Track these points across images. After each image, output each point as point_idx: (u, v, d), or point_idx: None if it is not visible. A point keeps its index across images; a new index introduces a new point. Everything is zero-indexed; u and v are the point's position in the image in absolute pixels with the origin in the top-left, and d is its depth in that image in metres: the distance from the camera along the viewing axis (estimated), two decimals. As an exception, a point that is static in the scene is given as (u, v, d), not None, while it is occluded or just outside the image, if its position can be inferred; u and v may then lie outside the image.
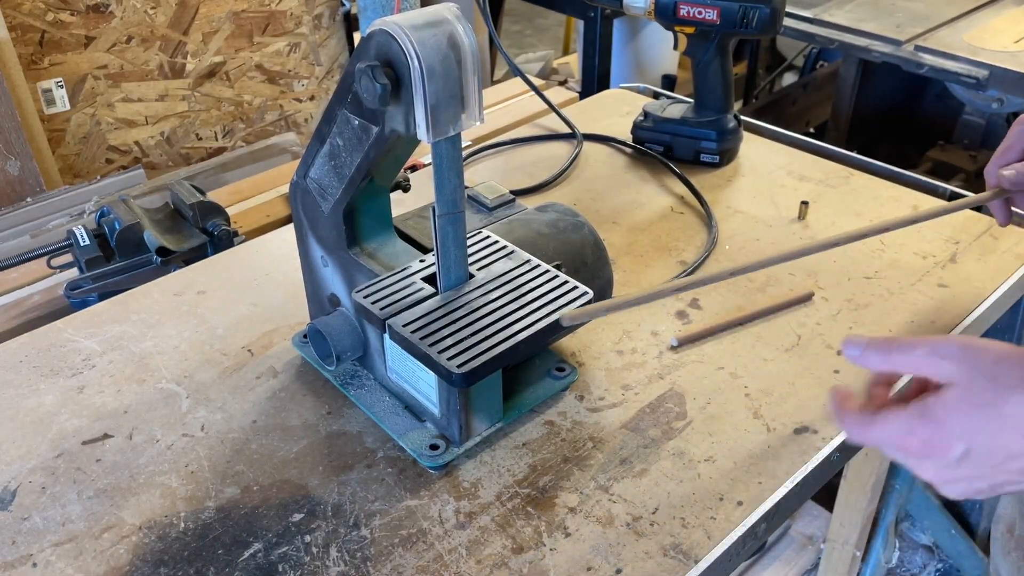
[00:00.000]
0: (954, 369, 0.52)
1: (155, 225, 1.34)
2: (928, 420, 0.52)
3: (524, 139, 1.29)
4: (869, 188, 1.15)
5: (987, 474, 0.52)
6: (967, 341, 0.53)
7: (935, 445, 0.52)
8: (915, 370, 0.55)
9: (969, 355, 0.52)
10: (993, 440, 0.50)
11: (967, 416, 0.51)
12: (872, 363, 0.56)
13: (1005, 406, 0.50)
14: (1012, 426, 0.50)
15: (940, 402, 0.52)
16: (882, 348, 0.55)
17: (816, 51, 2.72)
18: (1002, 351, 0.52)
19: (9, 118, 1.74)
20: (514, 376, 0.82)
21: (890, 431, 0.54)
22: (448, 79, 0.62)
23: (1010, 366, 0.51)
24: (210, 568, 0.66)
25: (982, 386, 0.51)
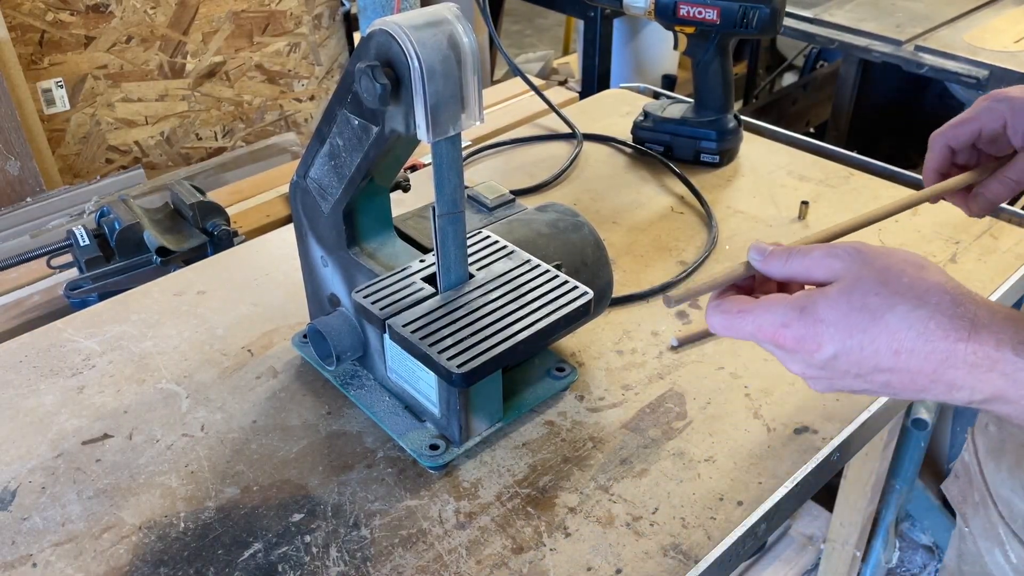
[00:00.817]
0: (843, 268, 0.50)
1: (155, 225, 1.34)
2: (806, 315, 0.49)
3: (524, 139, 1.29)
4: (869, 188, 1.15)
5: (850, 381, 0.50)
6: (864, 244, 0.51)
7: (806, 343, 0.49)
8: (810, 273, 0.52)
9: (863, 255, 0.50)
10: (864, 349, 0.48)
11: (845, 316, 0.48)
12: (773, 269, 0.53)
13: (887, 314, 0.47)
14: (887, 338, 0.47)
15: (823, 296, 0.49)
16: (783, 253, 0.53)
17: (816, 51, 2.72)
18: (898, 257, 0.50)
19: (9, 118, 1.74)
20: (514, 376, 0.82)
21: (764, 321, 0.51)
22: (448, 79, 0.62)
23: (900, 272, 0.48)
24: (210, 568, 0.66)
25: (868, 287, 0.48)
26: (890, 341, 0.47)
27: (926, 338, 0.46)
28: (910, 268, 0.49)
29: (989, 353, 0.46)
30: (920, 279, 0.48)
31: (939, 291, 0.47)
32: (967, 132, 0.70)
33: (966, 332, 0.46)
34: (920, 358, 0.47)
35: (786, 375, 0.84)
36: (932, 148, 0.72)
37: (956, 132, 0.71)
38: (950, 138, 0.71)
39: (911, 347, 0.47)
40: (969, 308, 0.47)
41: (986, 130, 0.69)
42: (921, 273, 0.49)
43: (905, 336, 0.47)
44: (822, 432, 0.77)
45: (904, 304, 0.47)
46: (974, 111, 0.70)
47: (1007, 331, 0.46)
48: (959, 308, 0.47)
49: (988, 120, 0.69)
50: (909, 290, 0.48)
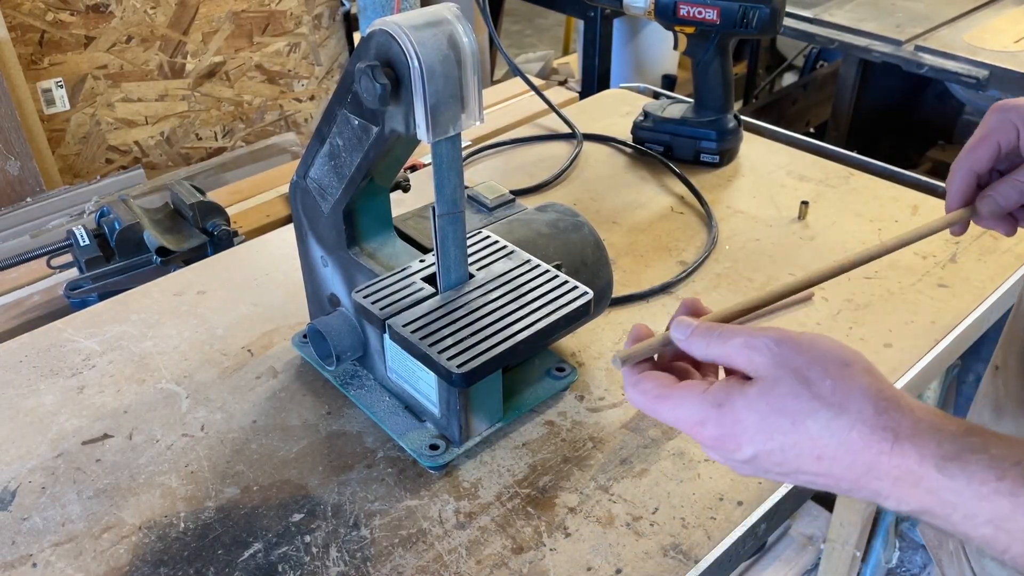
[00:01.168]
0: (764, 365, 0.47)
1: (155, 225, 1.34)
2: (724, 413, 0.47)
3: (524, 139, 1.29)
4: (869, 188, 1.15)
5: (772, 476, 0.48)
6: (785, 335, 0.48)
7: (725, 443, 0.47)
8: (731, 361, 0.49)
9: (784, 350, 0.47)
10: (784, 452, 0.46)
11: (763, 419, 0.46)
12: (695, 349, 0.50)
13: (807, 420, 0.45)
14: (808, 444, 0.45)
15: (741, 395, 0.47)
16: (704, 335, 0.50)
17: (816, 51, 2.72)
18: (819, 353, 0.46)
19: (9, 118, 1.74)
20: (514, 376, 0.82)
21: (681, 415, 0.48)
22: (448, 79, 0.62)
23: (823, 373, 0.45)
24: (210, 568, 0.66)
25: (788, 389, 0.45)
26: (812, 447, 0.45)
27: (847, 448, 0.44)
28: (833, 368, 0.46)
29: (912, 468, 0.43)
30: (842, 382, 0.45)
31: (862, 397, 0.45)
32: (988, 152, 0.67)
33: (888, 444, 0.44)
34: (843, 466, 0.45)
35: (786, 375, 0.84)
36: (956, 176, 0.68)
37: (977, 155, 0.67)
38: (973, 162, 0.67)
39: (833, 455, 0.44)
40: (893, 417, 0.44)
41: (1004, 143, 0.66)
42: (844, 373, 0.46)
43: (827, 443, 0.44)
44: (822, 432, 0.77)
45: (825, 411, 0.45)
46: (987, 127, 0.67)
47: (930, 444, 0.43)
48: (881, 417, 0.44)
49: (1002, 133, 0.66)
50: (831, 395, 0.45)
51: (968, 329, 0.91)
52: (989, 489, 0.42)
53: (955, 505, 0.43)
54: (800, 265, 1.00)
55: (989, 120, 0.67)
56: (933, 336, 0.89)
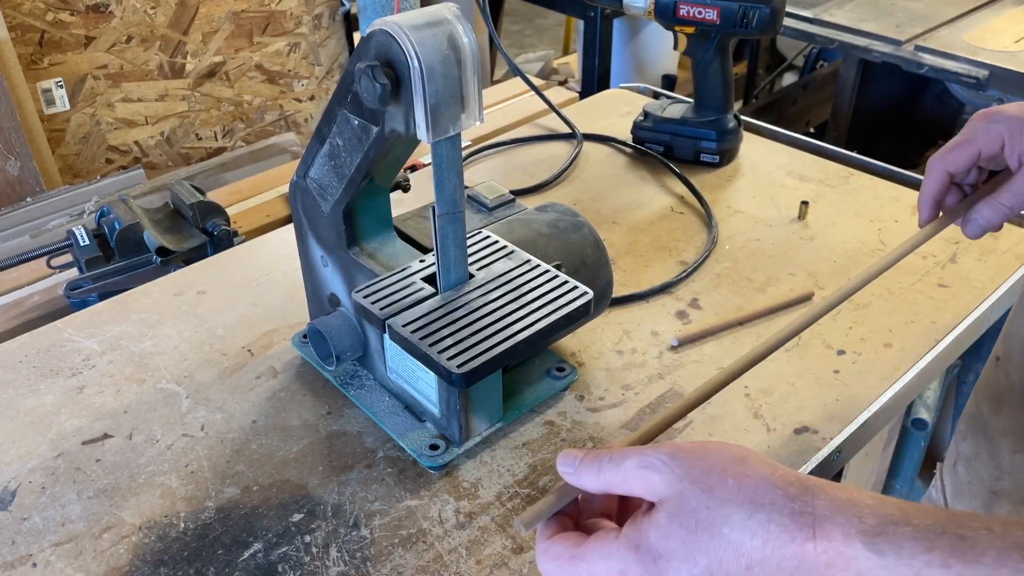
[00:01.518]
0: (663, 483, 0.44)
1: (155, 225, 1.34)
2: (643, 554, 0.43)
3: (524, 139, 1.29)
4: (869, 188, 1.15)
5: None
6: (676, 448, 0.45)
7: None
8: (628, 486, 0.45)
9: (678, 464, 0.44)
10: (714, 572, 0.42)
11: (682, 543, 0.43)
12: (587, 483, 0.47)
13: (723, 528, 0.42)
14: (732, 554, 0.42)
15: (651, 527, 0.43)
16: (593, 463, 0.46)
17: (816, 51, 2.72)
18: (716, 457, 0.44)
19: (9, 118, 1.74)
20: (514, 376, 0.82)
21: (602, 568, 0.44)
22: (448, 79, 0.62)
23: (723, 474, 0.43)
24: (210, 568, 0.66)
25: (695, 502, 0.43)
26: (737, 557, 0.42)
27: (772, 545, 0.42)
28: (732, 467, 0.44)
29: (840, 550, 0.41)
30: (745, 477, 0.43)
31: (768, 488, 0.43)
32: (966, 156, 0.67)
33: (810, 529, 0.41)
34: (773, 567, 0.42)
35: (786, 375, 0.84)
36: (930, 174, 0.69)
37: (955, 156, 0.67)
38: (949, 163, 0.67)
39: (761, 557, 0.42)
40: (806, 501, 0.42)
41: (984, 152, 0.66)
42: (744, 469, 0.44)
43: (751, 547, 0.42)
44: (822, 432, 0.77)
45: (738, 512, 0.42)
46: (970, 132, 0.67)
47: (852, 521, 0.41)
48: (796, 503, 0.42)
49: (986, 142, 0.66)
50: (738, 494, 0.43)
51: (968, 329, 0.91)
52: (920, 563, 0.40)
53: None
54: (800, 265, 1.00)
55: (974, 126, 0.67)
56: (933, 336, 0.89)
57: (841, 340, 0.88)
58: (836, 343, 0.88)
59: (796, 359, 0.86)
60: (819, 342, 0.88)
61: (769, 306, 0.92)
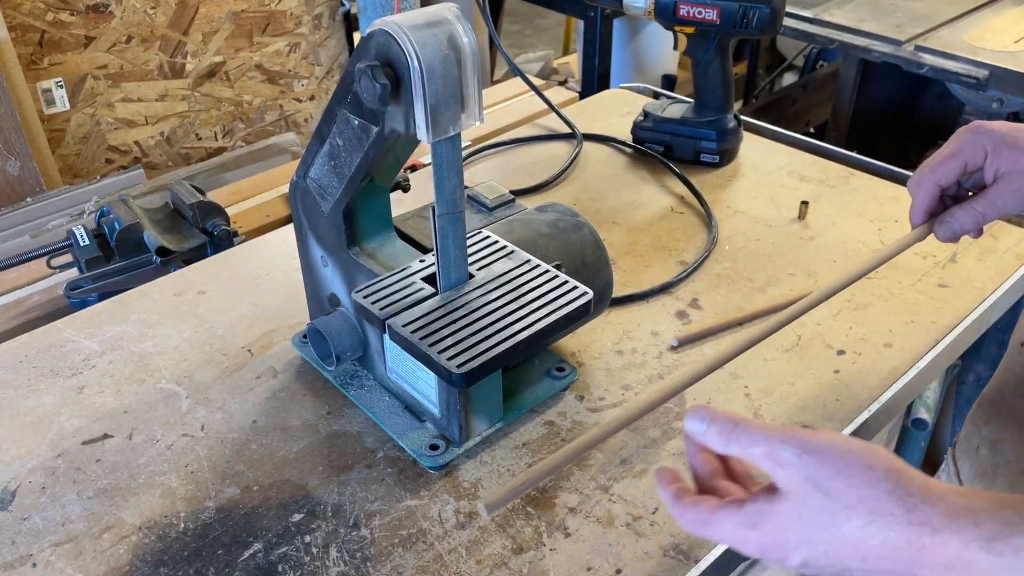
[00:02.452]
0: (788, 479, 0.48)
1: (155, 225, 1.34)
2: (763, 535, 0.49)
3: (524, 139, 1.29)
4: (869, 188, 1.15)
5: (824, 572, 0.49)
6: (807, 446, 0.49)
7: (772, 554, 0.49)
8: (753, 464, 0.51)
9: (804, 465, 0.48)
10: (830, 557, 0.47)
11: (800, 533, 0.48)
12: (712, 443, 0.52)
13: (840, 528, 0.47)
14: (850, 549, 0.47)
15: (773, 516, 0.49)
16: (723, 432, 0.51)
17: (816, 51, 2.72)
18: (843, 463, 0.48)
19: (9, 118, 1.74)
20: (514, 376, 0.82)
21: (723, 534, 0.51)
22: (448, 79, 0.62)
23: (848, 483, 0.47)
24: (210, 568, 0.66)
25: (818, 504, 0.47)
26: (854, 551, 0.47)
27: (889, 547, 0.46)
28: (857, 475, 0.47)
29: (959, 555, 0.45)
30: (868, 488, 0.47)
31: (888, 500, 0.46)
32: (954, 169, 0.69)
33: (928, 538, 0.45)
34: (890, 562, 0.46)
35: (786, 375, 0.84)
36: (921, 187, 0.71)
37: (944, 169, 0.70)
38: (939, 176, 0.70)
39: (877, 555, 0.46)
40: (924, 512, 0.46)
41: (970, 164, 0.69)
42: (868, 478, 0.47)
43: (868, 545, 0.46)
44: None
45: (857, 519, 0.46)
46: (956, 145, 0.69)
47: (970, 528, 0.45)
48: (914, 514, 0.46)
49: (971, 154, 0.68)
50: (858, 503, 0.47)
51: (968, 329, 0.91)
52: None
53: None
54: (800, 265, 1.00)
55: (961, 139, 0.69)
56: (933, 336, 0.89)
57: (841, 340, 0.88)
58: (836, 343, 0.88)
59: (796, 359, 0.86)
60: (819, 342, 0.88)
61: (769, 306, 0.92)
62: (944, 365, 0.91)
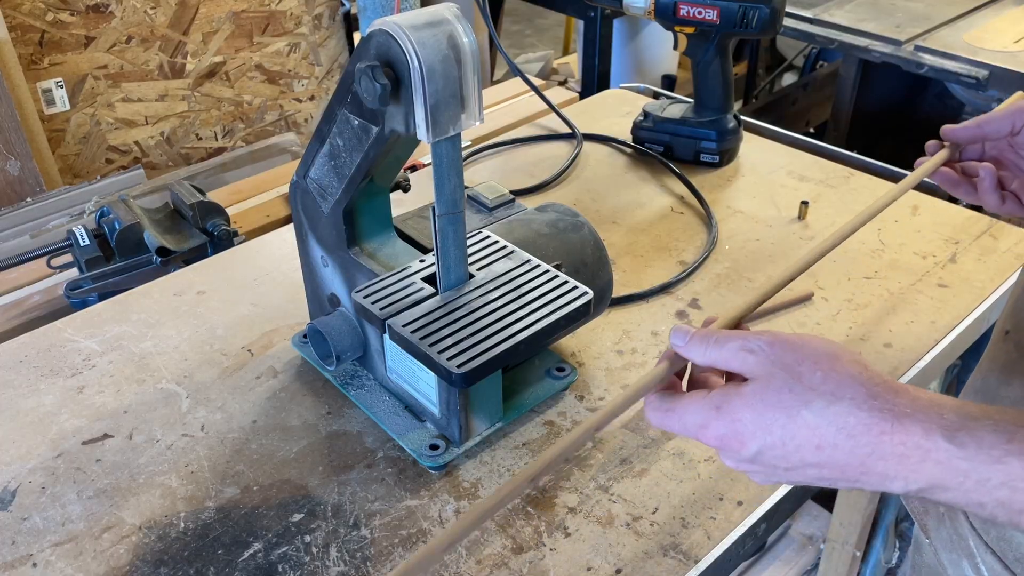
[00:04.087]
0: (757, 364, 0.49)
1: (155, 225, 1.34)
2: (723, 414, 0.49)
3: (524, 139, 1.29)
4: (869, 188, 1.15)
5: (782, 474, 0.49)
6: (778, 336, 0.50)
7: (727, 441, 0.49)
8: (728, 364, 0.51)
9: (775, 350, 0.49)
10: (786, 445, 0.47)
11: (761, 415, 0.48)
12: (694, 355, 0.53)
13: (802, 410, 0.46)
14: (806, 434, 0.46)
15: (737, 395, 0.49)
16: (702, 340, 0.52)
17: (816, 51, 2.72)
18: (810, 350, 0.48)
19: (9, 118, 1.74)
20: (514, 376, 0.82)
21: (687, 421, 0.51)
22: (448, 79, 0.62)
23: (814, 365, 0.47)
24: (210, 568, 0.66)
25: (781, 384, 0.47)
26: (811, 436, 0.46)
27: (847, 433, 0.46)
28: (823, 360, 0.48)
29: (919, 443, 0.44)
30: (833, 372, 0.47)
31: (853, 384, 0.47)
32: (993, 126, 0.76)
33: (889, 424, 0.45)
34: (845, 452, 0.46)
35: (786, 375, 0.84)
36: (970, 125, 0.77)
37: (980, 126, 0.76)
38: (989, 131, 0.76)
39: (833, 442, 0.46)
40: (888, 399, 0.46)
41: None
42: (834, 365, 0.48)
43: (825, 431, 0.46)
44: (822, 432, 0.77)
45: (819, 400, 0.46)
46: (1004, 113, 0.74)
47: (933, 418, 0.45)
48: (877, 400, 0.46)
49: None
50: (822, 384, 0.47)
51: (968, 329, 0.91)
52: (1000, 452, 0.43)
53: (967, 472, 0.44)
54: (800, 265, 1.00)
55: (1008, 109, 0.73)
56: (933, 336, 0.89)
57: (841, 340, 0.88)
58: (836, 343, 0.88)
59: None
60: (819, 342, 0.88)
61: (769, 306, 0.92)
62: (944, 365, 0.91)
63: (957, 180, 0.79)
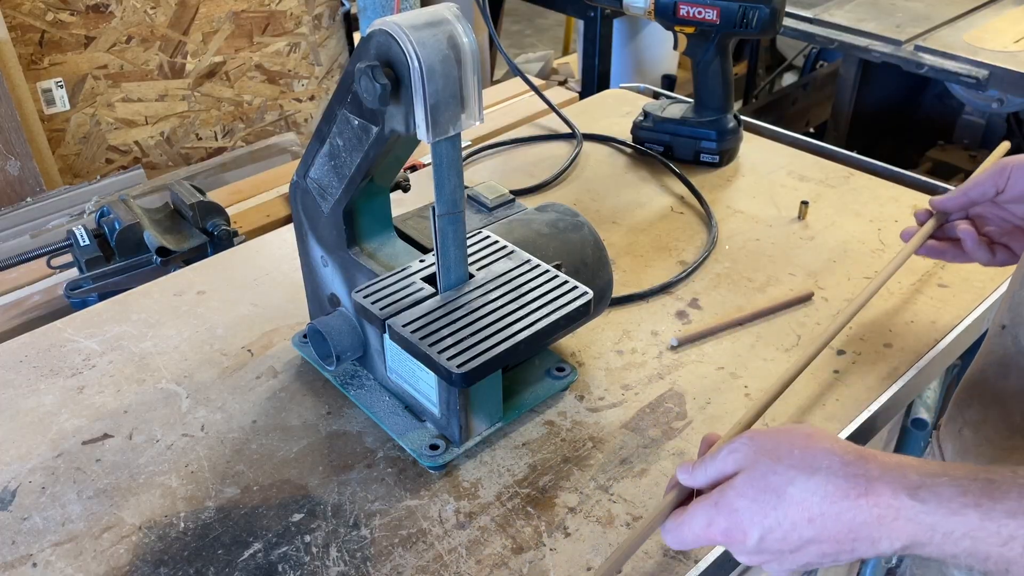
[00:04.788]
0: (743, 457, 0.54)
1: (155, 225, 1.34)
2: (722, 508, 0.53)
3: (524, 139, 1.29)
4: (869, 188, 1.15)
5: (789, 557, 0.52)
6: (755, 432, 0.55)
7: (732, 535, 0.53)
8: (724, 472, 0.55)
9: (756, 441, 0.54)
10: (782, 525, 0.51)
11: (753, 501, 0.52)
12: (699, 481, 0.57)
13: (788, 488, 0.51)
14: (796, 510, 0.50)
15: (730, 487, 0.53)
16: (700, 466, 0.57)
17: (816, 51, 2.72)
18: (785, 435, 0.53)
19: (9, 118, 1.74)
20: (514, 376, 0.82)
21: (695, 525, 0.55)
22: (448, 79, 0.62)
23: (790, 446, 0.52)
24: (210, 568, 0.66)
25: (766, 468, 0.52)
26: (800, 511, 0.50)
27: (830, 501, 0.50)
28: (798, 440, 0.52)
29: (889, 503, 0.49)
30: (808, 448, 0.52)
31: (828, 455, 0.51)
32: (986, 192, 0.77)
33: (863, 487, 0.49)
34: (833, 520, 0.50)
35: (786, 375, 0.84)
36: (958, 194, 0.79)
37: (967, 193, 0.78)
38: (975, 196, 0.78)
39: (820, 511, 0.50)
40: (859, 466, 0.50)
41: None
42: (808, 442, 0.52)
43: (812, 503, 0.50)
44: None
45: (800, 475, 0.51)
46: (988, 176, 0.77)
47: (899, 479, 0.49)
48: (850, 467, 0.50)
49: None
50: (801, 461, 0.51)
51: (968, 329, 0.91)
52: (957, 505, 0.47)
53: (934, 526, 0.48)
54: (800, 265, 1.00)
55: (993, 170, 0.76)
56: (933, 336, 0.89)
57: (841, 340, 0.88)
58: (836, 343, 0.88)
59: (796, 359, 0.86)
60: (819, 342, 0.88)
61: (769, 306, 0.92)
62: (944, 365, 0.91)
63: (943, 248, 0.83)
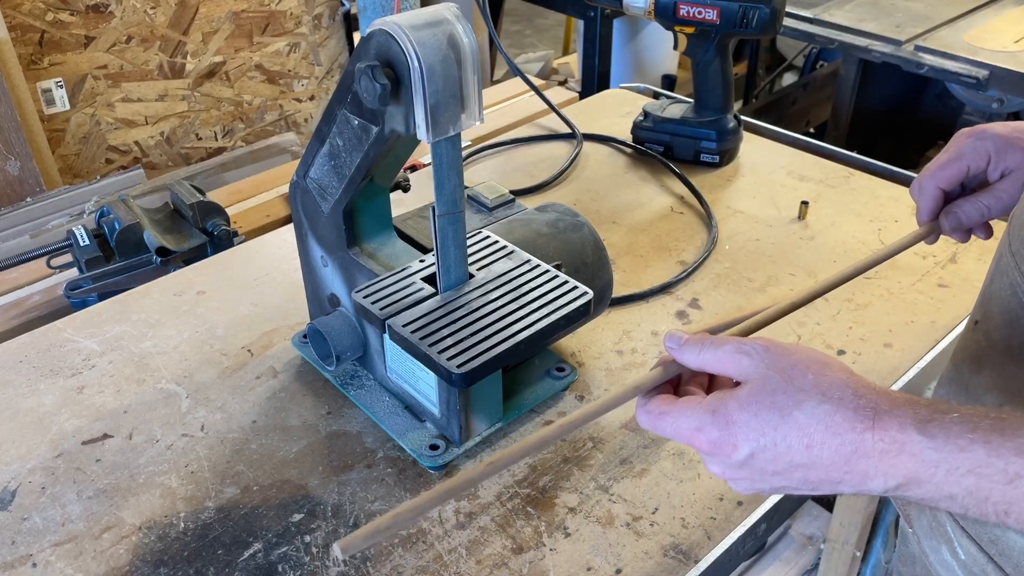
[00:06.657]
0: (752, 367, 0.51)
1: (155, 225, 1.34)
2: (718, 418, 0.51)
3: (524, 139, 1.29)
4: (869, 188, 1.15)
5: (768, 479, 0.51)
6: (772, 342, 0.52)
7: (721, 446, 0.51)
8: (722, 367, 0.53)
9: (770, 354, 0.51)
10: (777, 446, 0.49)
11: (755, 416, 0.49)
12: (687, 358, 0.54)
13: (794, 411, 0.49)
14: (797, 434, 0.49)
15: (733, 398, 0.51)
16: (697, 343, 0.54)
17: (816, 51, 2.72)
18: (802, 356, 0.51)
19: (9, 118, 1.74)
20: (514, 376, 0.82)
21: (681, 425, 0.52)
22: (448, 79, 0.62)
23: (805, 369, 0.50)
24: (210, 568, 0.66)
25: (775, 386, 0.50)
26: (801, 436, 0.49)
27: (834, 431, 0.48)
28: (814, 366, 0.51)
29: (895, 437, 0.47)
30: (823, 376, 0.50)
31: (841, 386, 0.49)
32: (956, 172, 0.71)
33: (870, 421, 0.48)
34: (831, 450, 0.48)
35: (786, 375, 0.84)
36: (924, 192, 0.73)
37: (946, 174, 0.71)
38: (940, 180, 0.72)
39: (821, 440, 0.48)
40: (871, 399, 0.49)
41: (973, 168, 0.70)
42: (824, 370, 0.50)
43: (814, 430, 0.49)
44: (822, 432, 0.77)
45: (809, 400, 0.49)
46: (958, 149, 0.71)
47: (907, 414, 0.48)
48: (860, 400, 0.49)
49: (974, 158, 0.70)
50: (813, 387, 0.49)
51: (968, 329, 0.91)
52: (965, 441, 0.46)
53: (937, 463, 0.47)
54: (800, 265, 1.00)
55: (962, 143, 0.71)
56: (933, 336, 0.89)
57: (841, 340, 0.88)
58: (836, 343, 0.88)
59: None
60: (819, 342, 0.88)
61: (769, 305, 0.92)
62: (944, 365, 0.91)
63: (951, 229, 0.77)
